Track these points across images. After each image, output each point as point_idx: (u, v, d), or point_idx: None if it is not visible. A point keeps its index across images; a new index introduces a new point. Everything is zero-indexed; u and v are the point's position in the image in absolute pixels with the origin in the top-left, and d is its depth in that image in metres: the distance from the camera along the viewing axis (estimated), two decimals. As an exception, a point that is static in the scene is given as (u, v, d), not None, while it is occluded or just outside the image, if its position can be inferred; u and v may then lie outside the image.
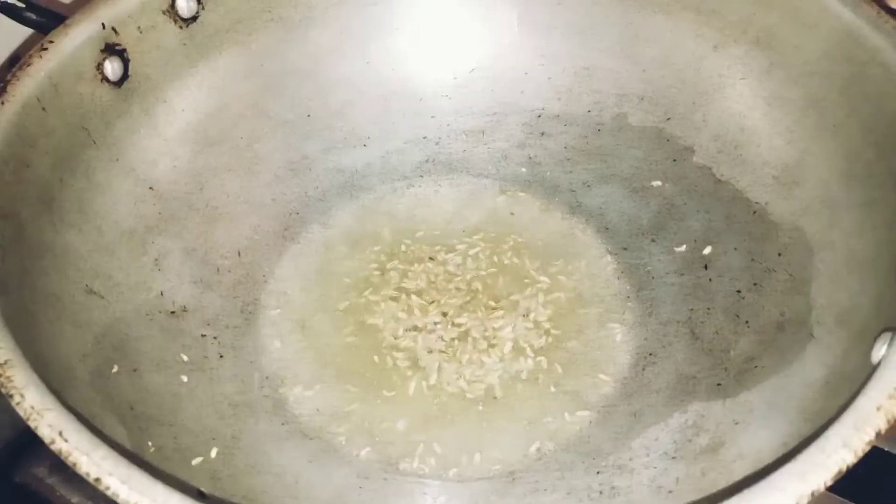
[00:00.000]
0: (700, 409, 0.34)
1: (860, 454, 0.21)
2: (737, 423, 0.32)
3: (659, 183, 0.41)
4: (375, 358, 0.38)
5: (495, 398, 0.37)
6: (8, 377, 0.22)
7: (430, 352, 0.38)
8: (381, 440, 0.35)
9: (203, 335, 0.36)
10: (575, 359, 0.38)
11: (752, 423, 0.32)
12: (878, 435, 0.21)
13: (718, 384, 0.35)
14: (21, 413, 0.22)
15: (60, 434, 0.21)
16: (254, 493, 0.30)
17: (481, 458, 0.35)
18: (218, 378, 0.35)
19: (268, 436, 0.34)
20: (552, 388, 0.37)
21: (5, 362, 0.23)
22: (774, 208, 0.38)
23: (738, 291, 0.38)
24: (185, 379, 0.34)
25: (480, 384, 0.37)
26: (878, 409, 0.22)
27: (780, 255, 0.37)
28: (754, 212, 0.39)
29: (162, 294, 0.36)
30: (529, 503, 0.32)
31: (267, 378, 0.37)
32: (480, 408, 0.37)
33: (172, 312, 0.36)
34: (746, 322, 0.36)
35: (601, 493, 0.32)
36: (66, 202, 0.34)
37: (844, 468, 0.21)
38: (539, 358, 0.38)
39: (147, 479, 0.21)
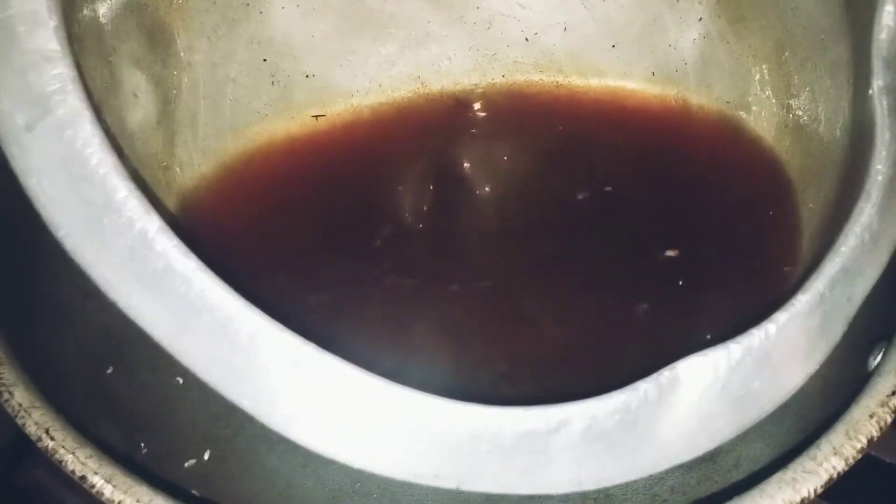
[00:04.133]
0: None
1: (851, 462, 0.20)
2: (734, 432, 0.32)
3: None
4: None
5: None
6: None
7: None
8: None
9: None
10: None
11: (749, 431, 0.31)
12: (870, 442, 0.21)
13: None
14: (9, 410, 0.22)
15: (47, 432, 0.21)
16: (246, 496, 0.30)
17: None
18: None
19: (262, 439, 0.33)
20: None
21: None
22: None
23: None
24: (180, 381, 0.34)
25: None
26: (871, 416, 0.21)
27: None
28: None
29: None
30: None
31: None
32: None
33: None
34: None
35: (595, 500, 0.31)
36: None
37: (835, 475, 0.20)
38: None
39: (131, 478, 0.21)
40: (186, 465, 0.31)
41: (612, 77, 0.34)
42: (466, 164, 0.32)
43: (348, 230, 0.29)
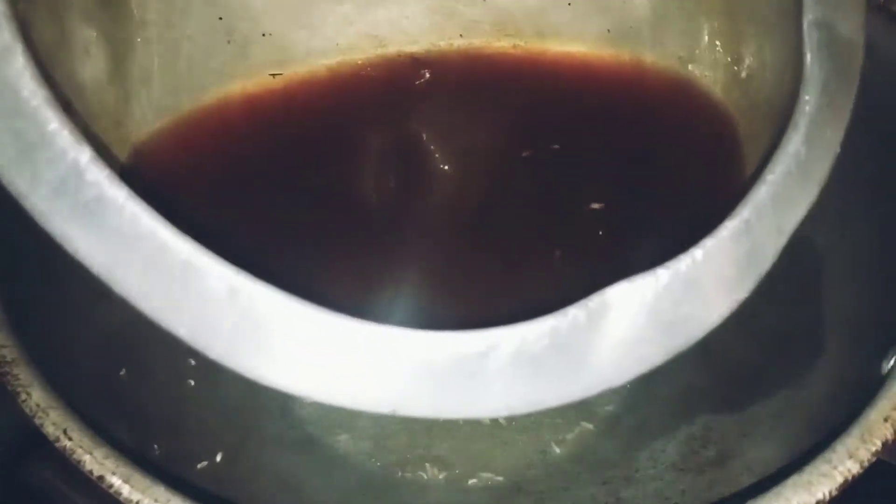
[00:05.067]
0: (707, 420, 0.33)
1: (866, 465, 0.21)
2: (744, 436, 0.31)
3: None
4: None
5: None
6: (14, 375, 0.22)
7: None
8: (385, 447, 0.35)
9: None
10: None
11: (760, 435, 0.31)
12: (884, 445, 0.21)
13: (726, 396, 0.33)
14: (27, 410, 0.22)
15: (65, 432, 0.21)
16: (257, 498, 0.31)
17: (485, 467, 0.34)
18: (225, 383, 0.34)
19: (273, 441, 0.34)
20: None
21: (12, 360, 0.23)
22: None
23: (748, 300, 0.36)
24: (192, 383, 0.34)
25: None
26: (886, 419, 0.21)
27: (787, 263, 0.35)
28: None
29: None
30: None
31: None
32: (472, 419, 0.35)
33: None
34: (754, 332, 0.34)
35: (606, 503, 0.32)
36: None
37: (850, 478, 0.21)
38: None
39: (149, 479, 0.21)
40: (199, 466, 0.31)
41: (568, 35, 0.34)
42: (421, 123, 0.32)
43: (300, 182, 0.29)
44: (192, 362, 0.34)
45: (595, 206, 0.27)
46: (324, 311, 0.18)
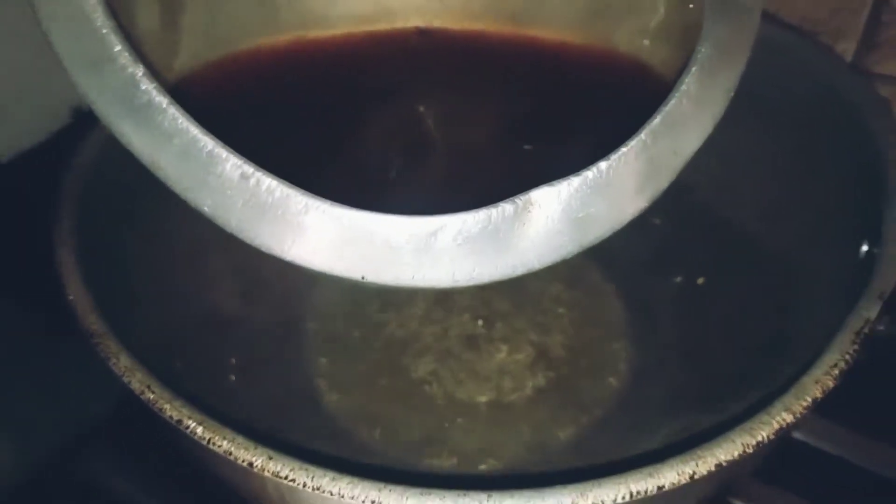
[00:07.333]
0: (692, 418, 0.36)
1: (798, 417, 0.25)
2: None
3: (658, 221, 0.44)
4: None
5: (501, 406, 0.40)
6: (107, 345, 0.28)
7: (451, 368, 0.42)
8: (403, 440, 0.39)
9: (250, 343, 0.41)
10: (578, 374, 0.42)
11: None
12: (814, 402, 0.25)
13: (710, 398, 0.37)
14: (117, 371, 0.27)
15: (149, 387, 0.26)
16: None
17: (491, 454, 0.38)
18: (262, 380, 0.40)
19: (315, 432, 0.39)
20: (555, 400, 0.41)
21: (103, 334, 0.28)
22: (764, 242, 0.40)
23: (730, 317, 0.40)
24: (233, 378, 0.39)
25: (487, 393, 0.41)
26: (816, 382, 0.26)
27: (768, 284, 0.39)
28: (745, 245, 0.41)
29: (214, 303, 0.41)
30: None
31: (307, 382, 0.42)
32: (485, 415, 0.40)
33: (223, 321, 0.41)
34: (738, 345, 0.39)
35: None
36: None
37: (784, 426, 0.25)
38: (546, 372, 0.42)
39: (216, 422, 0.25)
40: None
41: (550, 11, 0.39)
42: (415, 81, 0.38)
43: (309, 116, 0.35)
44: (233, 361, 0.40)
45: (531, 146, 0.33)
46: (312, 196, 0.24)
